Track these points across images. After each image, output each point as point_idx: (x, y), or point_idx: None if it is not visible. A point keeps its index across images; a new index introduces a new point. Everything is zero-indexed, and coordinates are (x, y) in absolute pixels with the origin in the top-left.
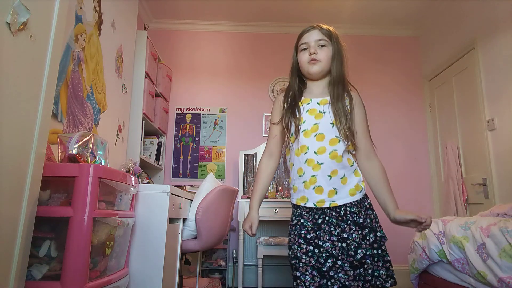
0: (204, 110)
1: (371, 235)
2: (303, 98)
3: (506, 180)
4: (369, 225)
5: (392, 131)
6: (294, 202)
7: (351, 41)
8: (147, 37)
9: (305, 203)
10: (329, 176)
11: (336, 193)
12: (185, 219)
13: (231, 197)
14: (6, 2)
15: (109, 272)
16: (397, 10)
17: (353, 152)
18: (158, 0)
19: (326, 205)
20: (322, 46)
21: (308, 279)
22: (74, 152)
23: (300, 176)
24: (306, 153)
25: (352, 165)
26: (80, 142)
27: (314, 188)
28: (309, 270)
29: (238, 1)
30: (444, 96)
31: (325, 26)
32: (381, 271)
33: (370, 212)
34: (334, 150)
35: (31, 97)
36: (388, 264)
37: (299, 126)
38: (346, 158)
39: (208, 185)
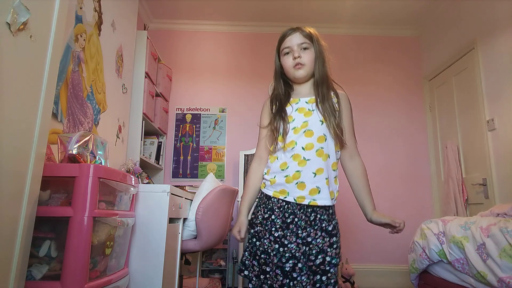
0: (204, 110)
1: (337, 246)
2: (291, 99)
3: (506, 180)
4: (336, 236)
5: (392, 131)
6: (270, 194)
7: (352, 41)
8: (147, 37)
9: (285, 197)
10: (313, 173)
11: (319, 192)
12: (185, 219)
13: (231, 197)
14: (6, 2)
15: (109, 272)
16: (397, 10)
17: (338, 158)
18: (158, 0)
19: (306, 202)
20: (305, 49)
21: (273, 277)
22: (74, 152)
23: (282, 170)
24: (293, 148)
25: (335, 170)
26: (80, 142)
27: (296, 183)
28: (273, 268)
29: (238, 1)
30: (444, 96)
31: (306, 29)
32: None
33: (337, 226)
34: (321, 147)
35: (31, 97)
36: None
37: (288, 125)
38: (332, 162)
39: (208, 185)
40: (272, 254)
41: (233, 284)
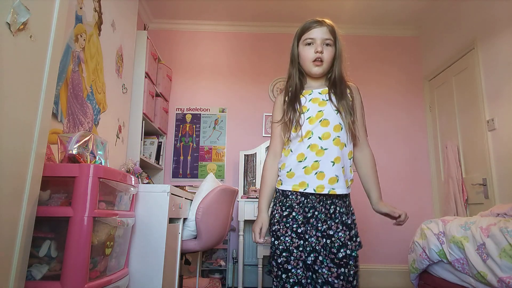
0: (204, 110)
1: (357, 239)
2: (304, 90)
3: (506, 180)
4: (355, 228)
5: (392, 131)
6: (289, 189)
7: (352, 41)
8: (147, 37)
9: (305, 189)
10: (332, 162)
11: (337, 181)
12: (185, 219)
13: (231, 197)
14: (6, 2)
15: (109, 272)
16: (397, 10)
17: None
18: (158, 0)
19: (325, 191)
20: (328, 45)
21: (300, 273)
22: (74, 152)
23: (300, 161)
24: (310, 138)
25: (350, 159)
26: (80, 142)
27: (316, 173)
28: (300, 264)
29: (238, 1)
30: (444, 96)
31: (329, 23)
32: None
33: (354, 217)
34: (338, 136)
35: (31, 97)
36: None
37: (303, 115)
38: (348, 151)
39: (208, 185)
40: (295, 252)
41: (233, 284)
